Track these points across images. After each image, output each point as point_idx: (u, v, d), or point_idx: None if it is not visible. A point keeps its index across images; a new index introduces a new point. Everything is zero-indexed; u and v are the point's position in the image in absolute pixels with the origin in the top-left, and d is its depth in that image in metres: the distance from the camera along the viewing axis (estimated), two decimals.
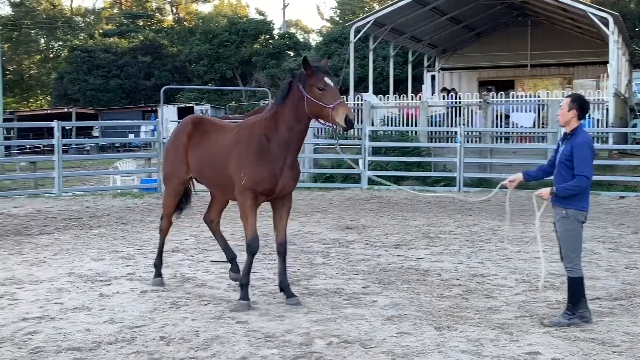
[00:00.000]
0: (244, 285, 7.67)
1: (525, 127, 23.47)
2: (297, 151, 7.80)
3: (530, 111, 23.91)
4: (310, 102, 7.36)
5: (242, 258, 8.39)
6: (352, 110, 7.38)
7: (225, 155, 7.84)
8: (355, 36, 27.16)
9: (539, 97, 24.84)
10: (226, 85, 56.73)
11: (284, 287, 7.87)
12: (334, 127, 7.35)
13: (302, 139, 7.78)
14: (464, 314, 7.33)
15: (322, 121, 7.50)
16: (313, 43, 68.20)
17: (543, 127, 23.00)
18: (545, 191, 6.86)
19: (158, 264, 8.90)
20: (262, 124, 7.72)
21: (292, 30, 77.49)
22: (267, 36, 63.49)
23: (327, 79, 7.38)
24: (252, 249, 7.68)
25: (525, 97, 25.20)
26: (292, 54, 61.56)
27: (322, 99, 7.30)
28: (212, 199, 9.04)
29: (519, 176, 7.27)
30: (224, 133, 8.08)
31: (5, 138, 41.40)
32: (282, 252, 7.88)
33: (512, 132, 23.56)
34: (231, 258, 8.79)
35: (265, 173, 7.53)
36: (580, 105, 6.95)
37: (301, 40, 69.82)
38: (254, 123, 7.87)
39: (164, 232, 9.02)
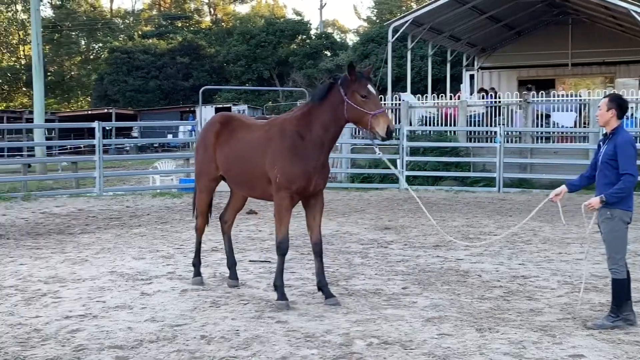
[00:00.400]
0: (279, 287, 7.67)
1: (566, 127, 23.16)
2: (330, 151, 7.80)
3: (571, 110, 23.59)
4: (351, 108, 7.34)
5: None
6: (393, 122, 7.35)
7: (255, 152, 7.83)
8: (393, 36, 27.08)
9: (580, 96, 24.50)
10: (263, 86, 56.97)
11: (322, 287, 7.85)
12: (373, 135, 7.34)
13: (336, 140, 7.79)
14: (506, 315, 7.25)
15: (360, 127, 7.49)
16: (350, 43, 68.12)
17: (584, 127, 22.67)
18: (595, 200, 6.72)
19: (196, 263, 8.92)
20: (294, 121, 7.71)
21: (329, 30, 77.58)
22: (304, 36, 63.60)
23: (370, 87, 7.36)
24: (283, 249, 7.69)
25: (566, 96, 24.88)
26: (329, 54, 61.58)
27: (364, 106, 7.27)
28: (231, 199, 9.00)
29: (563, 189, 7.17)
30: (253, 130, 8.09)
31: (47, 138, 42.12)
32: (318, 251, 7.85)
33: (553, 132, 23.27)
34: (231, 264, 8.78)
35: (299, 171, 7.51)
36: (619, 105, 6.88)
37: (338, 40, 69.82)
38: (285, 120, 7.88)
39: (199, 230, 9.00)
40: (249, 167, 7.94)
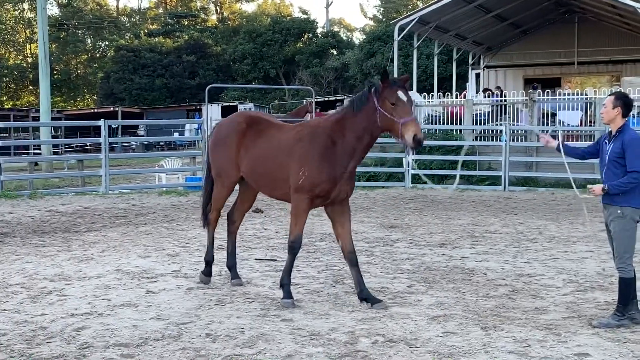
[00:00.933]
0: (285, 285, 7.65)
1: (572, 126, 23.12)
2: (360, 160, 7.72)
3: (577, 109, 23.54)
4: (382, 115, 7.25)
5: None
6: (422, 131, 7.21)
7: (284, 152, 7.71)
8: (399, 34, 27.03)
9: (586, 95, 24.43)
10: (269, 84, 56.95)
11: (364, 297, 7.58)
12: (404, 143, 7.23)
13: (368, 149, 7.67)
14: (511, 314, 7.24)
15: (395, 137, 7.36)
16: (356, 41, 68.12)
17: (590, 125, 22.62)
18: (598, 187, 6.77)
19: (210, 260, 8.73)
20: (328, 125, 7.62)
21: (336, 28, 77.59)
22: (311, 35, 63.60)
23: (401, 93, 7.21)
24: (295, 248, 7.66)
25: (572, 95, 24.81)
26: (335, 52, 61.58)
27: (393, 113, 7.18)
28: (239, 198, 8.90)
29: (553, 142, 7.39)
30: (284, 131, 7.99)
31: (53, 136, 42.20)
32: (353, 260, 7.66)
33: (559, 131, 23.20)
34: (232, 264, 8.73)
35: (325, 175, 7.43)
36: (625, 103, 6.88)
37: (344, 38, 69.81)
38: (319, 123, 7.81)
39: (213, 224, 8.80)
40: (274, 166, 7.82)
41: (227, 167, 8.37)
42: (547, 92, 24.65)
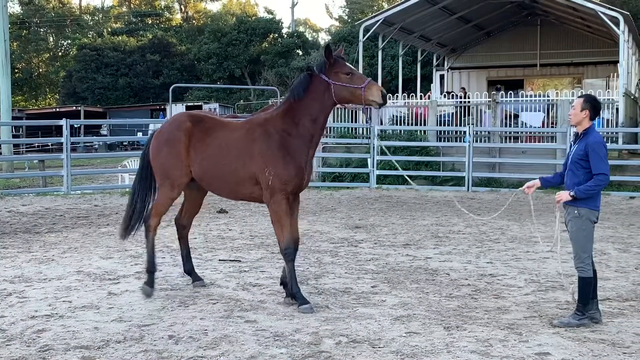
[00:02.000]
0: (297, 293, 7.50)
1: (535, 127, 23.41)
2: (317, 145, 7.75)
3: (539, 111, 23.85)
4: (339, 88, 7.35)
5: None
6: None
7: (240, 154, 7.60)
8: (364, 35, 27.13)
9: (548, 96, 24.76)
10: (235, 84, 56.75)
11: (283, 281, 7.83)
12: (368, 107, 7.44)
13: (323, 131, 7.74)
14: (473, 314, 7.31)
15: (354, 105, 7.56)
16: (322, 42, 68.21)
17: (552, 127, 22.93)
18: (565, 194, 6.82)
19: (153, 270, 8.24)
20: (277, 120, 7.58)
21: (301, 29, 77.60)
22: (276, 35, 63.48)
23: (349, 64, 7.45)
24: (290, 255, 7.54)
25: (535, 96, 25.14)
26: (300, 52, 61.54)
27: (351, 82, 7.32)
28: (186, 202, 8.67)
29: (536, 182, 7.31)
30: (233, 130, 7.84)
31: (14, 136, 41.53)
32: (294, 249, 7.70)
33: (521, 132, 23.50)
34: (189, 269, 8.59)
35: (293, 170, 7.42)
36: (593, 106, 6.96)
37: (310, 39, 69.83)
38: (267, 120, 7.69)
39: (153, 231, 8.38)
40: (232, 169, 7.65)
41: (176, 168, 8.00)
42: (510, 93, 24.96)
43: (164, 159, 8.09)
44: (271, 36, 63.32)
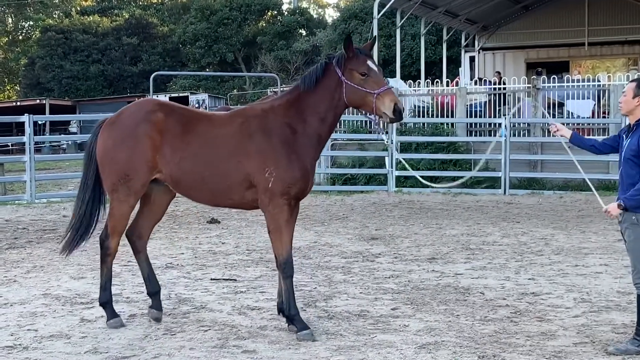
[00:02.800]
0: (295, 316, 7.47)
1: (583, 117, 23.36)
2: (324, 146, 7.77)
3: (588, 98, 23.80)
4: (351, 89, 7.32)
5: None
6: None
7: (231, 152, 7.49)
8: (379, 11, 27.12)
9: (598, 81, 24.72)
10: (227, 71, 56.89)
11: (283, 309, 7.67)
12: (379, 119, 7.36)
13: (332, 131, 7.74)
14: (513, 340, 7.30)
15: (365, 112, 7.51)
16: (329, 20, 68.24)
17: (604, 117, 22.88)
18: (613, 206, 6.76)
19: (109, 300, 8.07)
20: (280, 111, 7.54)
21: (305, 5, 77.60)
22: (275, 12, 63.61)
23: (370, 63, 7.36)
24: (289, 270, 7.52)
25: (583, 81, 25.09)
26: (304, 33, 61.63)
27: (365, 85, 7.28)
28: (143, 209, 8.34)
29: (567, 132, 7.49)
30: (219, 123, 7.73)
31: None
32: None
33: (568, 123, 23.44)
34: (155, 292, 8.21)
35: (298, 171, 7.39)
36: None
37: (315, 17, 69.88)
38: (267, 110, 7.61)
39: (113, 254, 8.13)
40: (222, 171, 7.54)
41: (139, 169, 7.68)
42: (553, 78, 24.90)
43: (122, 157, 7.72)
44: (269, 14, 63.44)
